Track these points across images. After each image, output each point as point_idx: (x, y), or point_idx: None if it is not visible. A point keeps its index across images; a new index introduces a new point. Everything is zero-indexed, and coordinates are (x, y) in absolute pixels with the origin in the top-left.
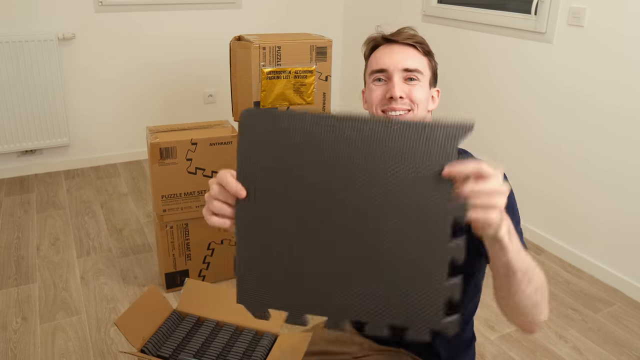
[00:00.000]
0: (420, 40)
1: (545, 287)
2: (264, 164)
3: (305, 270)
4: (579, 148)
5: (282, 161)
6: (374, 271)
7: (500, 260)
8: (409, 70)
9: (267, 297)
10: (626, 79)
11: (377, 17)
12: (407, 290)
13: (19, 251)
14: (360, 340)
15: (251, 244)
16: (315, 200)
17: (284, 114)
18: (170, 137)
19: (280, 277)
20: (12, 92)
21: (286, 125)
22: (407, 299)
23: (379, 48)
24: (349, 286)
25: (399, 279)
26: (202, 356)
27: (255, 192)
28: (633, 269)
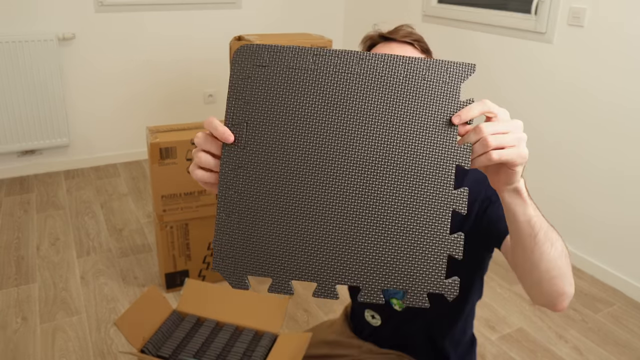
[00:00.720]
0: (418, 37)
1: (567, 253)
2: (255, 105)
3: (293, 228)
4: (579, 147)
5: (275, 102)
6: (371, 227)
7: (522, 216)
8: None
9: (248, 262)
10: (626, 79)
11: (377, 17)
12: (406, 247)
13: (19, 251)
14: (359, 343)
15: (233, 199)
16: (309, 146)
17: (281, 48)
18: (170, 137)
19: (263, 237)
20: (12, 92)
21: (283, 61)
22: (406, 257)
23: (377, 47)
24: (343, 246)
25: (398, 235)
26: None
27: (244, 136)
28: (633, 269)
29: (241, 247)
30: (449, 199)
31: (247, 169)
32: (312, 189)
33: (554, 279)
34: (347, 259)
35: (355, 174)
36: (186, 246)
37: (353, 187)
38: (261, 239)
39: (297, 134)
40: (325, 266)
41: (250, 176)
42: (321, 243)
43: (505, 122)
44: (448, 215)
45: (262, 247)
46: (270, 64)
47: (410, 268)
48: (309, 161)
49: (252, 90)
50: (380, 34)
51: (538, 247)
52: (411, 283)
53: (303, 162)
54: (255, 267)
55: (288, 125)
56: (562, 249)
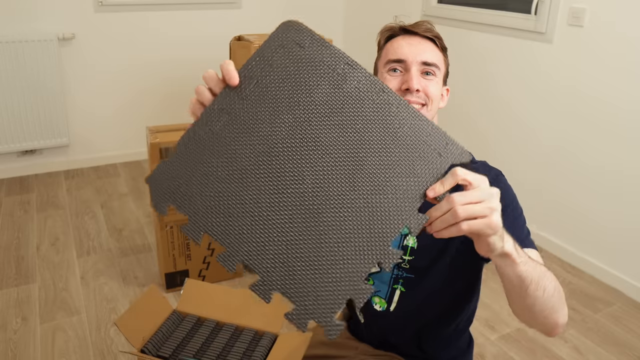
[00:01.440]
0: (438, 35)
1: (560, 289)
2: (273, 74)
3: (233, 195)
4: (579, 148)
5: (290, 82)
6: (310, 232)
7: (511, 274)
8: (427, 64)
9: (179, 195)
10: (626, 79)
11: (377, 17)
12: (322, 272)
13: (19, 251)
14: (355, 344)
15: (201, 137)
16: (294, 139)
17: (323, 41)
18: (170, 137)
19: (204, 185)
20: (12, 92)
21: (318, 53)
22: (317, 280)
23: (397, 38)
24: (270, 233)
25: (324, 257)
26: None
27: (247, 90)
28: (633, 269)
29: (181, 181)
30: (380, 254)
31: (232, 119)
32: (274, 181)
33: (547, 317)
34: (266, 245)
35: (319, 184)
36: (186, 246)
37: (311, 197)
38: (201, 185)
39: (291, 122)
40: (241, 238)
41: (230, 128)
42: (252, 222)
43: (478, 191)
44: (372, 265)
45: (196, 191)
46: (306, 48)
47: (314, 290)
48: (286, 153)
49: (278, 60)
50: (402, 26)
51: (530, 295)
52: (304, 302)
53: (281, 149)
54: (181, 201)
55: (288, 109)
56: (555, 288)
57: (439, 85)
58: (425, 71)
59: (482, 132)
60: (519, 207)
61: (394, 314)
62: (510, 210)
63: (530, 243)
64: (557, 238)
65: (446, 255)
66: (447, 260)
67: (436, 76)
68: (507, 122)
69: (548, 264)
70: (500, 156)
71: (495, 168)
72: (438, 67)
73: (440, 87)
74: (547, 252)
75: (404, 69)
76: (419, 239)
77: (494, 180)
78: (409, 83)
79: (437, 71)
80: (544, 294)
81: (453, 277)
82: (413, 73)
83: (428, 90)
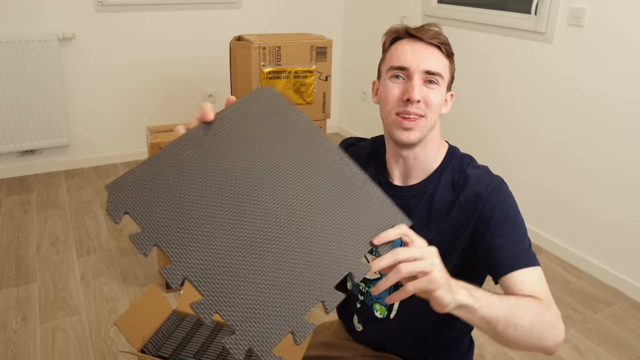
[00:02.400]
0: (445, 40)
1: (545, 315)
2: (245, 125)
3: (192, 220)
4: (579, 147)
5: (257, 129)
6: (260, 261)
7: (474, 320)
8: (430, 73)
9: (138, 204)
10: (626, 79)
11: (377, 17)
12: (269, 301)
13: (19, 251)
14: (354, 346)
15: (165, 160)
16: (252, 173)
17: (292, 108)
18: (170, 137)
19: (163, 198)
20: (12, 92)
21: (288, 112)
22: (263, 308)
23: (401, 41)
24: (219, 255)
25: (272, 285)
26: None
27: (220, 130)
28: (633, 269)
29: (141, 193)
30: (322, 294)
31: (200, 150)
32: (232, 215)
33: (533, 345)
34: (211, 267)
35: (273, 223)
36: None
37: (260, 231)
38: (158, 200)
39: (251, 162)
40: (188, 254)
41: (196, 157)
42: (200, 242)
43: (420, 248)
44: (314, 303)
45: (153, 204)
46: (280, 107)
47: (257, 318)
48: (241, 186)
49: (253, 112)
50: (407, 29)
51: (501, 333)
52: (246, 328)
53: (237, 182)
54: (137, 212)
55: (249, 152)
56: (534, 319)
57: (442, 94)
58: (429, 80)
59: (482, 132)
60: (519, 219)
61: (394, 322)
62: (509, 224)
63: (531, 259)
64: (557, 238)
65: (446, 262)
66: (449, 267)
67: (439, 85)
68: (507, 122)
69: (548, 264)
70: (499, 156)
71: (496, 176)
72: (442, 75)
73: (443, 95)
74: (547, 252)
75: (407, 76)
76: None
77: (495, 189)
78: (410, 93)
79: (441, 80)
80: (517, 330)
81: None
82: (415, 82)
83: (429, 99)
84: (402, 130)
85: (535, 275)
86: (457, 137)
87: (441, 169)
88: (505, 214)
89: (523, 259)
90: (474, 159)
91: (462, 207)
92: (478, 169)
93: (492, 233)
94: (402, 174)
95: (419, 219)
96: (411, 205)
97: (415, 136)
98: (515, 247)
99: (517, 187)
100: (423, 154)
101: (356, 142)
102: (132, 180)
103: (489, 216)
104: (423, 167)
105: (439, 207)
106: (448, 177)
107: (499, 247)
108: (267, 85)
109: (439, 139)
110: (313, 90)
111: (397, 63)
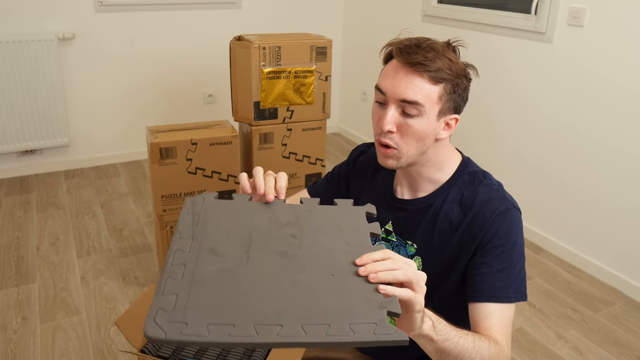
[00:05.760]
0: (437, 67)
1: (493, 358)
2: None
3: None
4: (579, 148)
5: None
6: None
7: (429, 349)
8: (406, 102)
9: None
10: (626, 79)
11: (377, 17)
12: None
13: (19, 251)
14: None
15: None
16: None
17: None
18: (170, 137)
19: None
20: (12, 92)
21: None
22: None
23: (392, 61)
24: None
25: None
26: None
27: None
28: (633, 269)
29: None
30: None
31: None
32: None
33: None
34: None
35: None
36: None
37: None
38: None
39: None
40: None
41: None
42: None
43: (385, 263)
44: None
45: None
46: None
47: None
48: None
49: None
50: (398, 47)
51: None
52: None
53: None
54: None
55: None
56: (481, 356)
57: (424, 123)
58: (405, 109)
59: (481, 132)
60: (516, 250)
61: None
62: (503, 254)
63: (507, 296)
64: (557, 238)
65: (446, 281)
66: (448, 287)
67: (419, 114)
68: (507, 122)
69: (548, 264)
70: (499, 157)
71: (508, 199)
72: (421, 104)
73: (428, 123)
74: (547, 252)
75: (384, 102)
76: (423, 261)
77: (501, 214)
78: (381, 123)
79: (422, 109)
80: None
81: (456, 302)
82: (388, 112)
83: (404, 129)
84: (380, 156)
85: (504, 314)
86: (455, 137)
87: (450, 182)
88: (501, 242)
89: (497, 293)
90: (488, 175)
91: (468, 229)
92: (490, 188)
93: (481, 257)
94: (409, 185)
95: (422, 234)
96: (417, 219)
97: (392, 164)
98: (498, 279)
99: (516, 187)
100: (424, 170)
101: (367, 149)
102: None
103: (487, 240)
104: (429, 180)
105: (444, 224)
106: (457, 192)
107: (482, 274)
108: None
109: (444, 156)
110: (313, 90)
111: (379, 85)
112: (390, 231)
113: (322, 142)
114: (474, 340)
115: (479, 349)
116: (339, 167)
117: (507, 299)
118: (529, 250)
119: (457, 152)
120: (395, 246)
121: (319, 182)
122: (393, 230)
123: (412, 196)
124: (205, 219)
